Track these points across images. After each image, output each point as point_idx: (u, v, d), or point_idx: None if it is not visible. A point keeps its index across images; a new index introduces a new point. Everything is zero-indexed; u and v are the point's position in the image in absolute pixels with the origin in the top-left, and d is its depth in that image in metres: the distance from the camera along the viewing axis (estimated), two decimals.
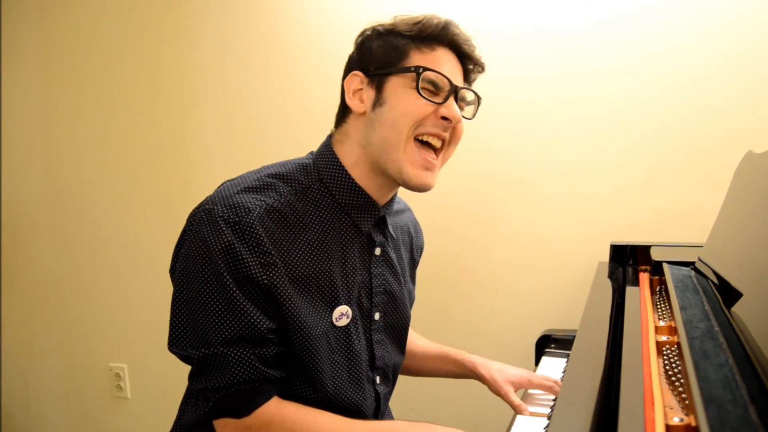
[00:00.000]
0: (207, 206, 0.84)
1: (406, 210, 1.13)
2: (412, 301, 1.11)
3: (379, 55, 0.89)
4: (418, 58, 0.88)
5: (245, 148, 1.96)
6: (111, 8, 2.04)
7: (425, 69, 0.86)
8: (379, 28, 0.91)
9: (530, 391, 1.16)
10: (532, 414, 1.06)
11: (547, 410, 1.08)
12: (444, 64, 0.89)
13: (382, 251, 0.97)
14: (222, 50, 1.94)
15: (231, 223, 0.81)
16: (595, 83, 1.60)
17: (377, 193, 0.93)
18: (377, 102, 0.88)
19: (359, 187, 0.91)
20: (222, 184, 0.90)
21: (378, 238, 0.96)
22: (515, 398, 1.09)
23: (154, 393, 2.18)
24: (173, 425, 0.99)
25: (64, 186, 2.18)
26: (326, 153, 0.93)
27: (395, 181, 0.90)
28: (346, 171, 0.91)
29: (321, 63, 1.83)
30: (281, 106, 1.90)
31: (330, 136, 0.96)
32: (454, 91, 0.88)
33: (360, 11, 1.76)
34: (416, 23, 0.89)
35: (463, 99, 0.93)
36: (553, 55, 1.63)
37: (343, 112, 0.94)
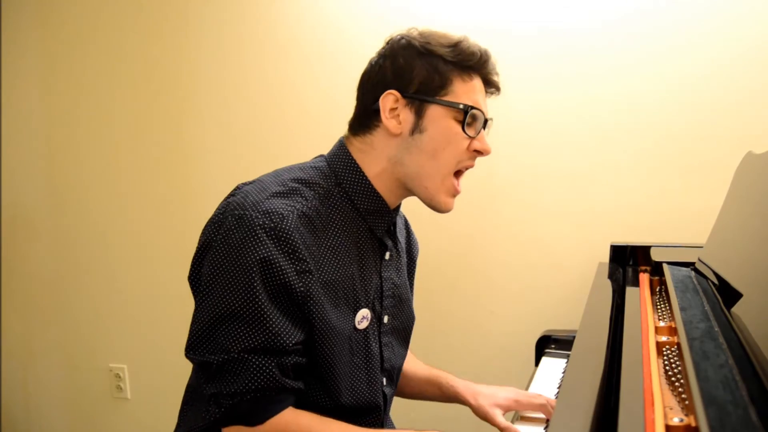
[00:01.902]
0: (237, 212, 0.82)
1: None
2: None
3: (421, 77, 0.88)
4: (460, 87, 0.89)
5: (245, 149, 1.96)
6: (111, 8, 2.04)
7: (473, 108, 0.89)
8: (415, 43, 0.89)
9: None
10: None
11: (541, 428, 1.04)
12: (479, 94, 0.92)
13: (390, 255, 0.99)
14: (222, 50, 1.94)
15: (267, 229, 0.80)
16: (594, 84, 1.60)
17: (393, 201, 0.95)
18: (416, 128, 0.89)
19: (378, 194, 0.92)
20: (241, 188, 0.89)
21: (388, 242, 0.98)
22: (502, 420, 1.04)
23: (154, 393, 2.18)
24: None
25: (64, 186, 2.18)
26: (345, 159, 0.92)
27: (422, 201, 0.94)
28: (367, 179, 0.92)
29: (320, 63, 1.83)
30: (281, 107, 1.90)
31: (344, 141, 0.95)
32: (485, 122, 0.92)
33: (360, 12, 1.76)
34: (454, 47, 0.89)
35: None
36: (552, 56, 1.62)
37: (368, 122, 0.92)
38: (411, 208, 1.17)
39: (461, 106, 0.88)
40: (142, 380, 2.19)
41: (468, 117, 0.89)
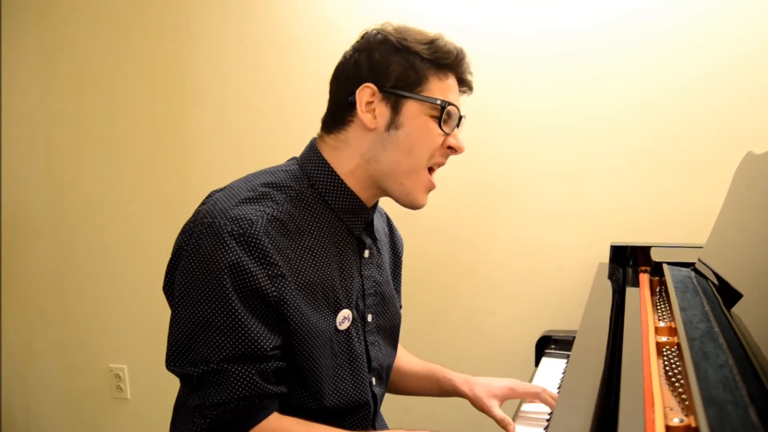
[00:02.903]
0: (206, 220, 0.82)
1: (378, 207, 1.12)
2: (398, 299, 1.11)
3: (397, 73, 0.88)
4: (436, 86, 0.89)
5: (246, 149, 1.96)
6: (111, 8, 2.04)
7: (449, 104, 0.89)
8: (392, 39, 0.89)
9: (523, 408, 1.11)
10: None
11: (540, 429, 1.04)
12: (453, 92, 0.92)
13: (370, 253, 0.98)
14: (222, 50, 1.94)
15: (236, 235, 0.80)
16: (595, 84, 1.60)
17: (368, 199, 0.94)
18: (392, 123, 0.88)
19: (352, 192, 0.92)
20: (211, 196, 0.89)
21: (367, 240, 0.97)
22: (499, 412, 1.04)
23: (154, 394, 2.18)
24: None
25: (64, 186, 2.18)
26: (315, 159, 0.92)
27: (395, 199, 0.93)
28: (339, 177, 0.91)
29: (320, 62, 1.82)
30: (281, 106, 1.90)
31: (316, 141, 0.95)
32: (459, 119, 0.92)
33: (360, 12, 1.76)
34: (430, 44, 0.89)
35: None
36: (552, 56, 1.62)
37: (341, 119, 0.91)
38: (409, 209, 1.17)
39: (438, 102, 0.88)
40: (142, 380, 2.19)
41: (444, 114, 0.88)
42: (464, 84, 0.94)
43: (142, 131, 2.07)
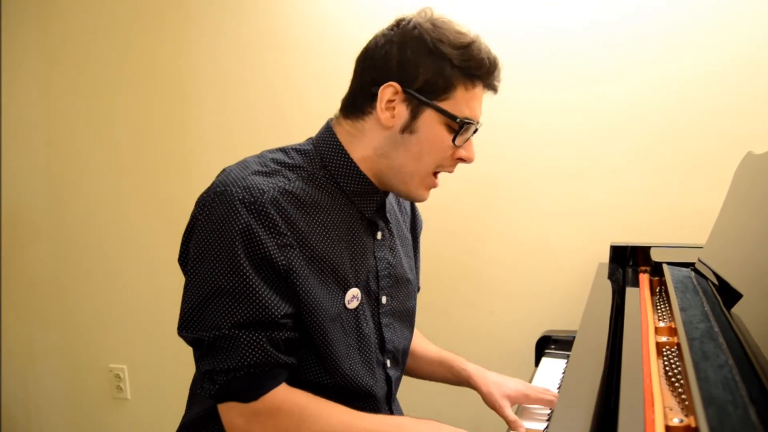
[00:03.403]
0: (218, 188, 0.84)
1: None
2: (416, 281, 1.11)
3: (425, 77, 0.86)
4: (462, 95, 0.88)
5: (245, 149, 1.94)
6: (111, 8, 2.04)
7: (469, 121, 0.88)
8: (427, 38, 0.87)
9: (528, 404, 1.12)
10: (529, 430, 1.03)
11: (544, 425, 1.05)
12: (477, 102, 0.91)
13: (383, 235, 0.98)
14: (222, 49, 1.94)
15: (246, 203, 0.81)
16: (595, 84, 1.60)
17: (379, 182, 0.94)
18: (408, 127, 0.88)
19: (365, 176, 0.92)
20: (225, 170, 0.90)
21: (379, 222, 0.98)
22: (510, 413, 1.06)
23: (154, 394, 2.18)
24: (180, 424, 0.98)
25: (64, 186, 2.18)
26: (330, 141, 0.93)
27: (396, 193, 0.95)
28: (353, 161, 0.91)
29: (320, 62, 1.83)
30: (281, 106, 1.90)
31: (332, 123, 0.95)
32: (474, 131, 0.92)
33: (360, 12, 1.76)
34: (464, 50, 0.87)
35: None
36: (553, 56, 1.62)
37: (361, 107, 0.91)
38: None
39: (458, 120, 0.88)
40: (142, 380, 2.19)
41: (462, 129, 0.88)
42: (490, 89, 0.94)
43: (141, 131, 2.07)
